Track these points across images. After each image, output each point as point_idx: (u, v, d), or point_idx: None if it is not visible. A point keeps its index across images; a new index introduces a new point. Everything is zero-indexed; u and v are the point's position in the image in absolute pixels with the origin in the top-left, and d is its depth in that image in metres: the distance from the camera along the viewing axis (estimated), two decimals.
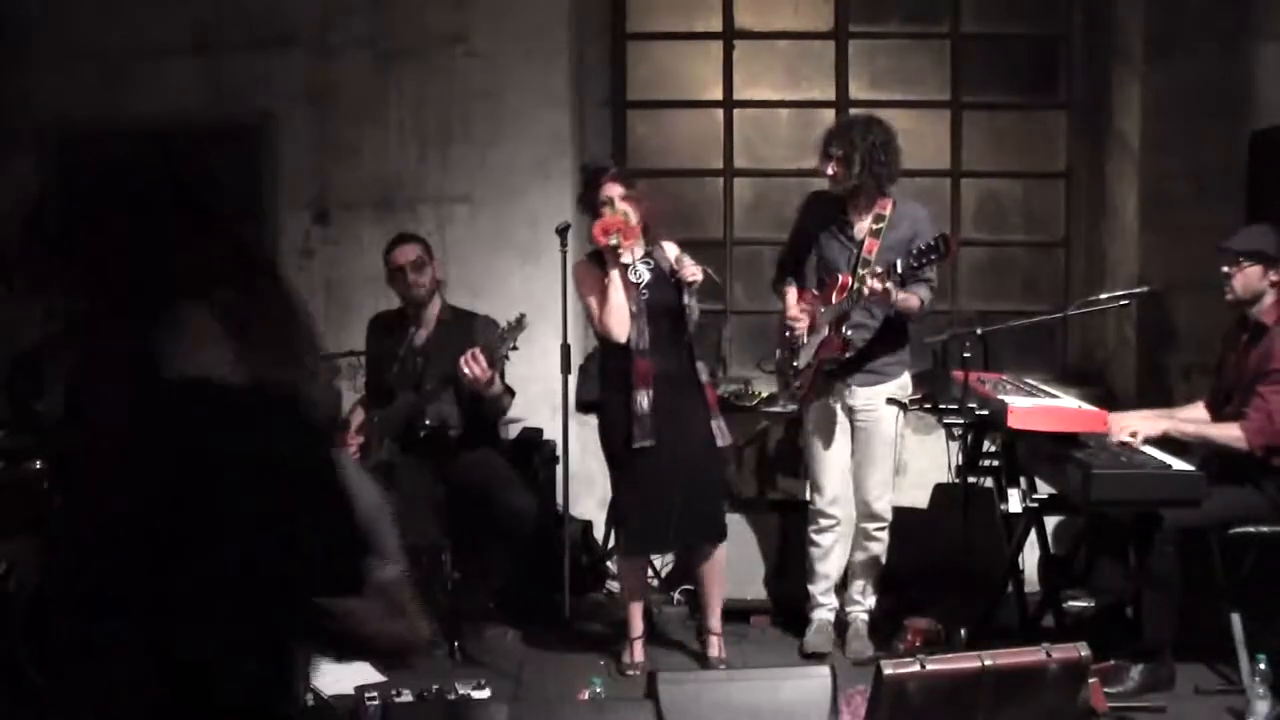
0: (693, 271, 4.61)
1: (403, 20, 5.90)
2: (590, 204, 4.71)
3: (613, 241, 4.55)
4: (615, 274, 4.58)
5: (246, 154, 5.95)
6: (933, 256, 4.43)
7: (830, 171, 4.74)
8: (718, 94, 6.38)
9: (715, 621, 4.79)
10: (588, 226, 4.77)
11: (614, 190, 4.65)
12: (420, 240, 5.18)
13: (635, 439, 4.54)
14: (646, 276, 4.69)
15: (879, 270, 4.54)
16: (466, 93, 5.89)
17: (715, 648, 4.78)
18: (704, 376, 4.73)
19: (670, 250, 4.76)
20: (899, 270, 4.48)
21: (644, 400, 4.54)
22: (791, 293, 4.97)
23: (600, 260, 4.66)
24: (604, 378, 4.81)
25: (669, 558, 5.43)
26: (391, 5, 5.90)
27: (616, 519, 5.25)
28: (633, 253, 4.68)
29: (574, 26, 5.99)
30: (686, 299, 4.64)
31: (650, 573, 5.35)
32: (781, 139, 6.43)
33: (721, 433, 4.69)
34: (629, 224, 4.57)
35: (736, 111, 6.37)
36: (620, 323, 4.58)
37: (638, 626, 4.79)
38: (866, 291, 4.51)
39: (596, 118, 6.28)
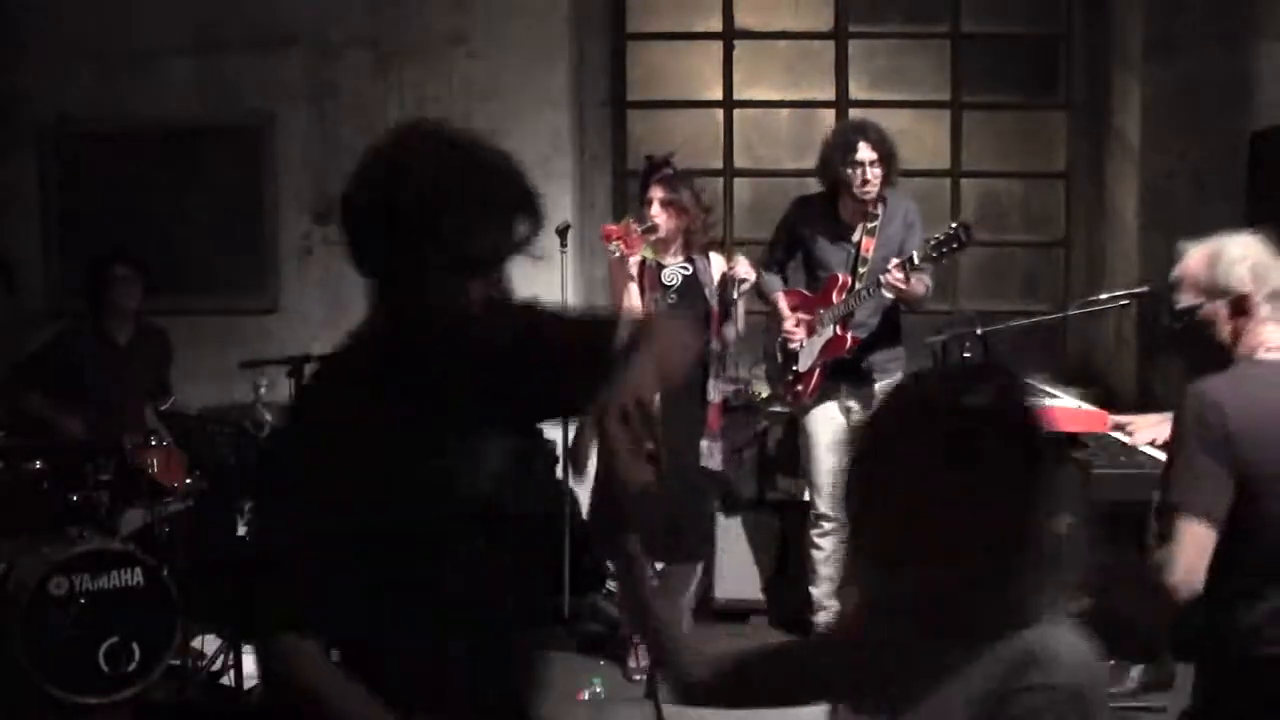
0: (746, 270, 4.53)
1: (403, 20, 5.89)
2: (640, 196, 4.67)
3: (611, 249, 4.49)
4: (632, 288, 4.48)
5: (246, 154, 5.95)
6: (954, 245, 4.40)
7: (868, 178, 4.59)
8: (718, 94, 6.37)
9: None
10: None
11: (656, 193, 4.55)
12: None
13: None
14: (679, 281, 4.62)
15: (895, 262, 4.47)
16: (466, 93, 5.88)
17: (634, 658, 4.57)
18: (713, 396, 4.59)
19: (716, 261, 4.70)
20: (916, 261, 4.44)
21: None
22: (781, 299, 4.91)
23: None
24: None
25: None
26: (391, 5, 5.90)
27: (597, 518, 5.23)
28: (673, 256, 4.62)
29: (574, 26, 5.98)
30: (735, 295, 4.56)
31: (650, 573, 5.33)
32: (781, 139, 6.42)
33: (712, 455, 4.56)
34: (633, 235, 4.46)
35: (736, 111, 6.37)
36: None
37: None
38: (889, 280, 4.44)
39: (596, 117, 6.27)
